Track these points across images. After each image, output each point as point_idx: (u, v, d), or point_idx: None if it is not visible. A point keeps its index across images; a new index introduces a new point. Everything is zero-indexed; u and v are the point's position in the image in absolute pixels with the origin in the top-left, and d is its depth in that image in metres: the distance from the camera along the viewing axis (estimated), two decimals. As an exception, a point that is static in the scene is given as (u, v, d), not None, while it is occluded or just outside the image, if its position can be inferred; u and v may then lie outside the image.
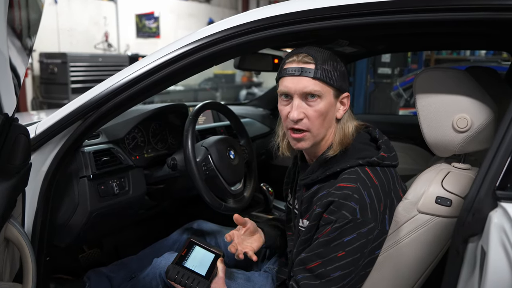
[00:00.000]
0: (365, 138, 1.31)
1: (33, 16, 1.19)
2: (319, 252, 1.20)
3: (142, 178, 1.84)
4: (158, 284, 1.58)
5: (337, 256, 1.16)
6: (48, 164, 1.41)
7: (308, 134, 1.25)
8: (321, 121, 1.24)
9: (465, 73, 1.23)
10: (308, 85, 1.22)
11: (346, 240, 1.15)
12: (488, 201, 0.90)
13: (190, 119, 1.78)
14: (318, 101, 1.22)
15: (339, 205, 1.17)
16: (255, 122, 2.85)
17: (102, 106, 1.35)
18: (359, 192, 1.17)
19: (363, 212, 1.15)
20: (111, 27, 8.17)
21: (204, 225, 1.94)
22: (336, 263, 1.16)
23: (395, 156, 1.30)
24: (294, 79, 1.23)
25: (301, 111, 1.23)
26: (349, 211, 1.15)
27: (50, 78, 6.56)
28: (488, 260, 0.86)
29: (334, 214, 1.18)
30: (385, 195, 1.20)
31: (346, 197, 1.16)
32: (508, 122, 0.92)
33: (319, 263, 1.19)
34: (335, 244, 1.17)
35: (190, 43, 1.28)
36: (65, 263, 1.94)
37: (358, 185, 1.18)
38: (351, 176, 1.20)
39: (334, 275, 1.16)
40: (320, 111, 1.23)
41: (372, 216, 1.16)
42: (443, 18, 1.05)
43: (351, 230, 1.15)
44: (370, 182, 1.19)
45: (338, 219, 1.17)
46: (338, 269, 1.16)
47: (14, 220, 1.19)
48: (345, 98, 1.27)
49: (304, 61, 1.23)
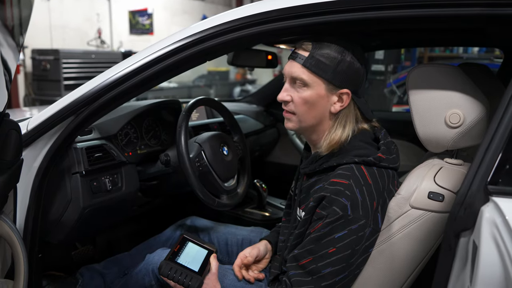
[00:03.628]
0: (368, 137, 1.30)
1: (24, 12, 1.18)
2: (311, 248, 1.20)
3: (135, 174, 1.83)
4: (151, 280, 1.58)
5: (328, 252, 1.16)
6: (40, 160, 1.40)
7: (294, 116, 1.30)
8: (306, 108, 1.27)
9: (457, 69, 1.24)
10: (296, 71, 1.26)
11: (337, 236, 1.16)
12: (479, 196, 0.91)
13: (183, 115, 1.78)
14: (304, 89, 1.25)
15: (330, 201, 1.17)
16: (249, 119, 2.85)
17: (94, 102, 1.35)
18: (351, 189, 1.17)
19: (354, 209, 1.16)
20: (104, 24, 8.13)
21: (198, 221, 1.94)
22: (327, 259, 1.17)
23: (394, 159, 1.29)
24: (289, 62, 1.30)
25: (288, 94, 1.29)
26: (340, 207, 1.16)
27: (42, 75, 6.51)
28: (480, 254, 0.86)
29: (325, 209, 1.18)
30: (378, 195, 1.20)
31: (337, 192, 1.17)
32: (500, 118, 0.93)
33: (310, 259, 1.19)
34: (326, 240, 1.17)
35: (182, 38, 1.28)
36: (57, 259, 1.94)
37: (350, 182, 1.18)
38: (345, 172, 1.21)
39: (325, 271, 1.17)
40: (305, 98, 1.26)
41: (363, 213, 1.16)
42: (436, 14, 1.05)
43: (342, 227, 1.15)
44: (364, 180, 1.19)
45: (329, 214, 1.17)
46: (329, 265, 1.16)
47: (6, 216, 1.19)
48: (345, 95, 1.26)
49: (302, 47, 1.26)
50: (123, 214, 1.92)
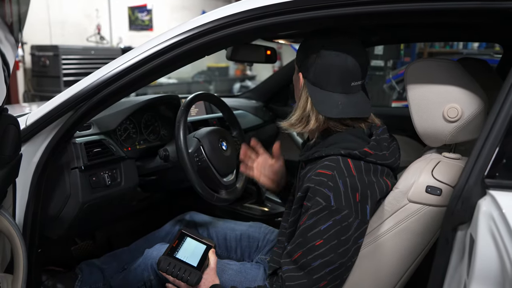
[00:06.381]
0: (360, 133, 1.30)
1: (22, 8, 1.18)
2: (299, 242, 1.21)
3: (134, 169, 1.84)
4: (149, 275, 1.59)
5: (315, 245, 1.17)
6: (39, 155, 1.40)
7: None
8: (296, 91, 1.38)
9: (456, 63, 1.24)
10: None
11: (323, 228, 1.16)
12: (477, 190, 0.91)
13: (182, 110, 1.78)
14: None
15: (314, 191, 1.19)
16: (248, 114, 2.84)
17: (93, 97, 1.34)
18: (334, 180, 1.17)
19: (337, 199, 1.16)
20: (104, 20, 8.09)
21: (196, 216, 1.95)
22: (315, 252, 1.17)
23: (385, 155, 1.27)
24: None
25: None
26: (323, 197, 1.17)
27: (42, 71, 6.49)
28: (477, 247, 0.87)
29: (310, 200, 1.20)
30: (363, 186, 1.19)
31: (320, 183, 1.18)
32: (497, 112, 0.93)
33: (300, 253, 1.20)
34: (313, 233, 1.18)
35: (181, 33, 1.27)
36: (57, 255, 1.94)
37: (334, 173, 1.19)
38: (330, 163, 1.21)
39: (315, 264, 1.17)
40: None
41: (346, 204, 1.17)
42: (434, 8, 1.05)
43: (326, 218, 1.16)
44: (348, 172, 1.19)
45: (313, 205, 1.18)
46: (318, 257, 1.17)
47: (5, 211, 1.19)
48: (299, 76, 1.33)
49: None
50: (122, 209, 1.93)
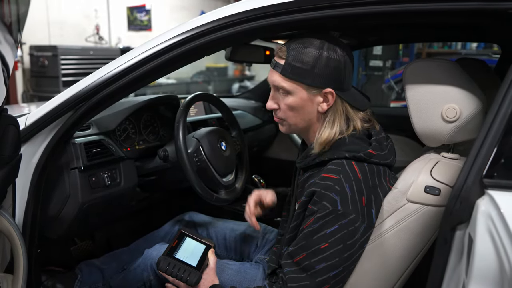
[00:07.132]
0: (361, 134, 1.30)
1: (21, 9, 1.18)
2: (303, 244, 1.20)
3: (133, 169, 1.84)
4: (149, 275, 1.59)
5: (320, 248, 1.17)
6: (39, 155, 1.40)
7: (284, 121, 1.33)
8: (294, 113, 1.29)
9: (454, 63, 1.24)
10: (277, 79, 1.27)
11: (329, 231, 1.16)
12: (475, 189, 0.91)
13: (181, 110, 1.78)
14: (288, 96, 1.27)
15: (320, 196, 1.18)
16: (247, 114, 2.85)
17: (92, 97, 1.35)
18: (340, 184, 1.17)
19: (344, 204, 1.16)
20: (102, 20, 8.08)
21: (196, 216, 1.95)
22: (320, 255, 1.17)
23: (386, 155, 1.28)
24: (270, 71, 1.30)
25: (274, 102, 1.32)
26: (329, 201, 1.16)
27: (40, 71, 6.48)
28: (475, 247, 0.87)
29: (316, 204, 1.19)
30: (368, 190, 1.20)
31: (327, 187, 1.17)
32: (495, 112, 0.93)
33: (304, 255, 1.19)
34: (318, 236, 1.17)
35: (180, 33, 1.28)
36: (56, 255, 1.94)
37: (340, 177, 1.18)
38: (336, 167, 1.21)
39: (319, 267, 1.17)
40: (290, 105, 1.27)
41: (353, 208, 1.16)
42: (432, 8, 1.06)
43: (332, 222, 1.16)
44: (354, 176, 1.19)
45: (319, 209, 1.17)
46: (323, 261, 1.17)
47: (5, 211, 1.19)
48: (329, 94, 1.24)
49: (279, 55, 1.27)
50: (121, 209, 1.93)
